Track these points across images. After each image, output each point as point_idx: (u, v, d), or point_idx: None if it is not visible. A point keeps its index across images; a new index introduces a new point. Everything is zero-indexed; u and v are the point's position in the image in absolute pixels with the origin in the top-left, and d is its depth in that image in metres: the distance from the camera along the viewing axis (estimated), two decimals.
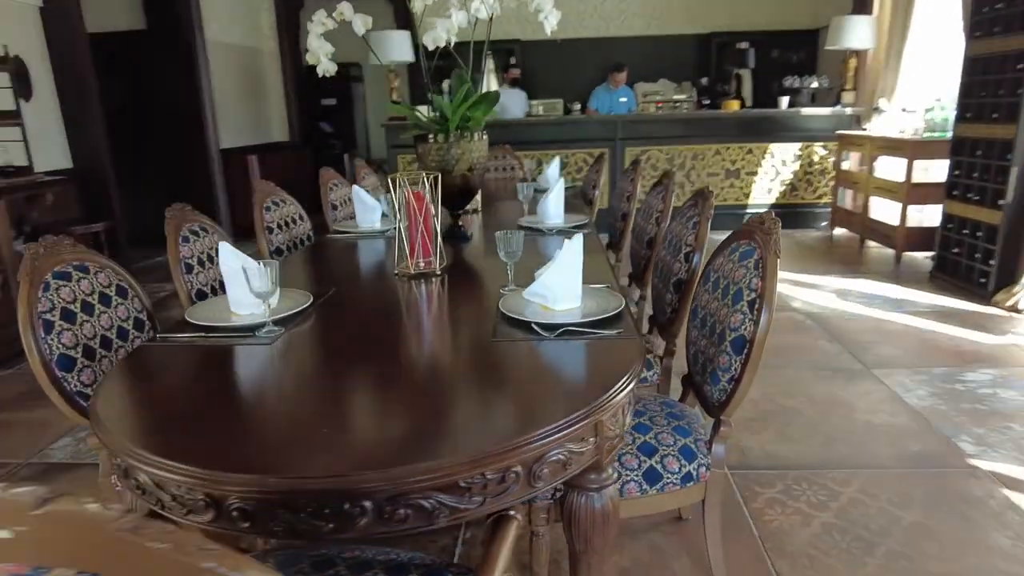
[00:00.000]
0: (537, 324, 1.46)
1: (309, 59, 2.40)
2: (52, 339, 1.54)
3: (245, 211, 3.32)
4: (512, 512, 1.19)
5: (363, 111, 8.98)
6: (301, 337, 1.54)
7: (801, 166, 6.14)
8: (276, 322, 1.57)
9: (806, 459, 2.37)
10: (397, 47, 5.82)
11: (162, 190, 5.95)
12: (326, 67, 2.40)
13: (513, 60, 7.37)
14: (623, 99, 6.68)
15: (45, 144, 4.45)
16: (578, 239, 1.60)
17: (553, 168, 3.90)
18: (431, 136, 2.38)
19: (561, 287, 1.56)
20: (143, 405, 1.27)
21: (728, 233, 1.71)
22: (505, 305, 1.56)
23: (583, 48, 7.42)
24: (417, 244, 1.98)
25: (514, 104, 6.75)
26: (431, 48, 2.31)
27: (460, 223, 2.54)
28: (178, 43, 5.68)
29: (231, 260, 1.65)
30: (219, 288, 2.11)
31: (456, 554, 1.94)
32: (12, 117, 3.74)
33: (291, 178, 6.71)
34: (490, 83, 7.43)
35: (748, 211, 6.16)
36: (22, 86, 4.27)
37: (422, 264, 1.99)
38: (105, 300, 1.73)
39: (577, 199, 3.75)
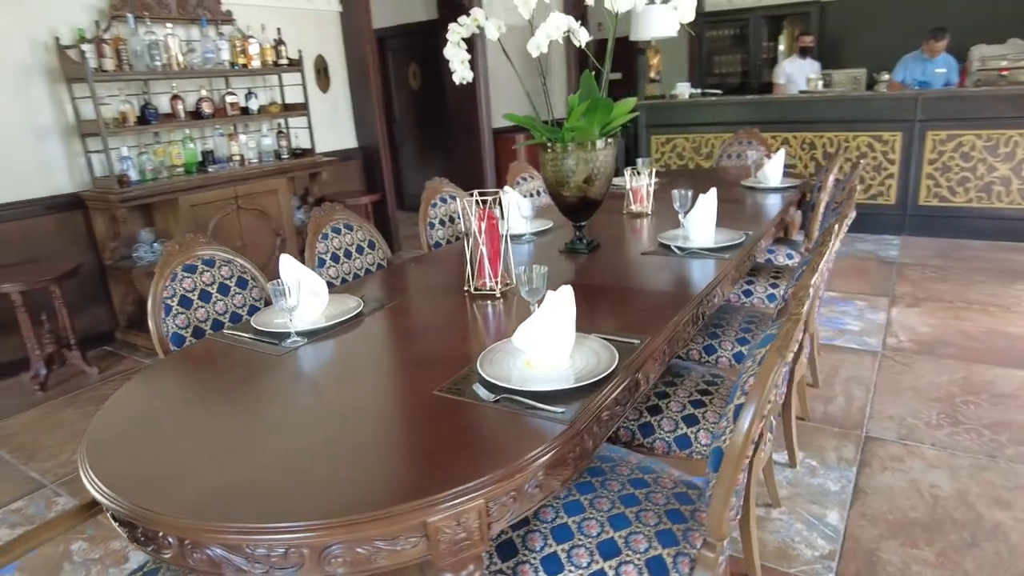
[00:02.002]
0: (483, 382, 1.34)
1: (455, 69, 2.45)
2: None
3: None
4: None
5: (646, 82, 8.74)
6: (309, 354, 1.65)
7: None
8: (318, 331, 1.72)
9: None
10: (659, 22, 5.52)
11: (441, 165, 6.72)
12: (462, 75, 2.43)
13: (804, 28, 6.40)
14: (940, 70, 5.34)
15: (338, 128, 5.35)
16: (564, 291, 1.40)
17: (775, 162, 3.36)
18: (548, 145, 2.26)
19: (541, 343, 1.39)
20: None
21: None
22: (487, 355, 1.45)
23: (899, 6, 6.09)
24: (486, 263, 1.95)
25: (803, 76, 5.91)
26: (535, 56, 2.16)
27: (582, 235, 2.39)
28: None
29: (288, 271, 1.84)
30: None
31: None
32: (302, 109, 4.57)
33: None
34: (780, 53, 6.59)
35: None
36: (323, 80, 5.17)
37: (488, 283, 1.95)
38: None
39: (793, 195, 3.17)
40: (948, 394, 2.72)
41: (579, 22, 2.19)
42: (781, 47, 6.70)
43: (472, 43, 6.27)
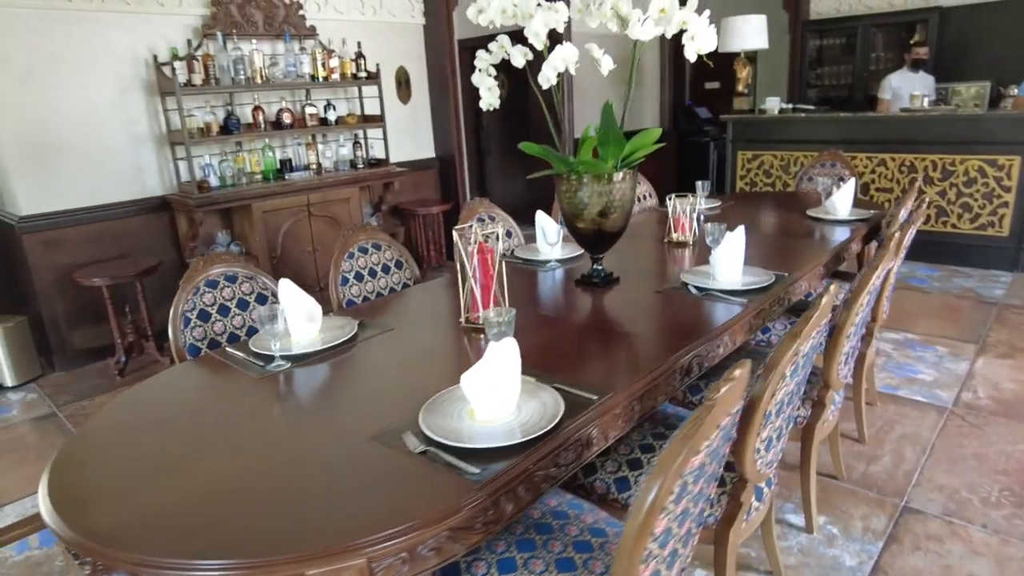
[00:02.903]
0: (414, 432, 1.33)
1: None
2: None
3: None
4: None
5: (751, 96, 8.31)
6: (285, 380, 1.70)
7: None
8: (304, 356, 1.78)
9: None
10: (749, 33, 5.25)
11: (523, 174, 6.72)
12: (489, 102, 2.42)
13: (916, 37, 5.85)
14: None
15: (417, 138, 5.49)
16: (507, 343, 1.36)
17: (844, 191, 3.11)
18: (564, 176, 2.21)
19: (482, 394, 1.36)
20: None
21: None
22: (438, 399, 1.44)
23: None
24: (478, 296, 1.93)
25: (910, 91, 5.40)
26: (545, 87, 2.11)
27: (599, 268, 2.31)
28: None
29: (284, 295, 1.91)
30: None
31: None
32: (378, 120, 4.72)
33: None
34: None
35: None
36: (403, 91, 5.32)
37: (481, 316, 1.93)
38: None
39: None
40: (1019, 467, 2.40)
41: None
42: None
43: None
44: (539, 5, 2.06)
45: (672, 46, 7.38)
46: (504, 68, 2.42)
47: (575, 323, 2.06)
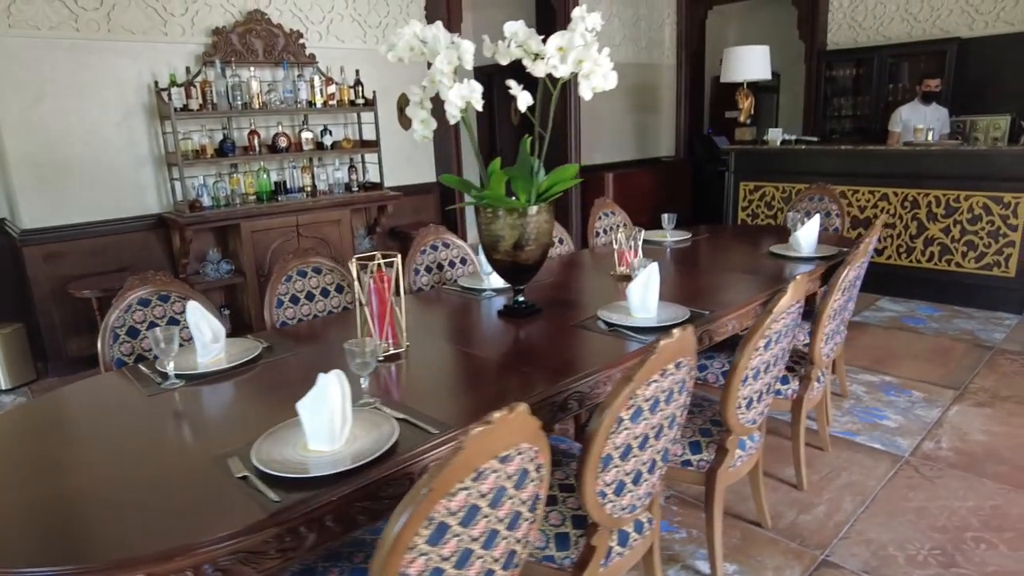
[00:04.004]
0: (242, 456, 1.36)
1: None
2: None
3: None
4: None
5: (772, 124, 8.16)
6: (171, 398, 1.75)
7: None
8: (197, 375, 1.84)
9: None
10: (751, 64, 5.19)
11: None
12: (422, 134, 2.46)
13: (927, 68, 5.66)
14: None
15: (417, 163, 5.59)
16: (332, 375, 1.38)
17: (808, 228, 3.02)
18: (479, 208, 2.23)
19: (311, 424, 1.38)
20: None
21: None
22: (276, 432, 1.46)
23: None
24: (372, 326, 1.95)
25: (925, 125, 5.22)
26: (452, 123, 2.14)
27: (521, 299, 2.31)
28: None
29: (192, 317, 1.98)
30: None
31: None
32: (374, 146, 4.84)
33: (648, 195, 6.74)
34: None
35: None
36: (404, 118, 5.43)
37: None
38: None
39: None
40: (960, 525, 2.26)
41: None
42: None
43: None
44: (452, 43, 2.08)
45: (689, 72, 7.34)
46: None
47: (473, 354, 2.06)
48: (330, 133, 4.78)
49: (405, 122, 5.44)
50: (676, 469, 2.01)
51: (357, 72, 4.83)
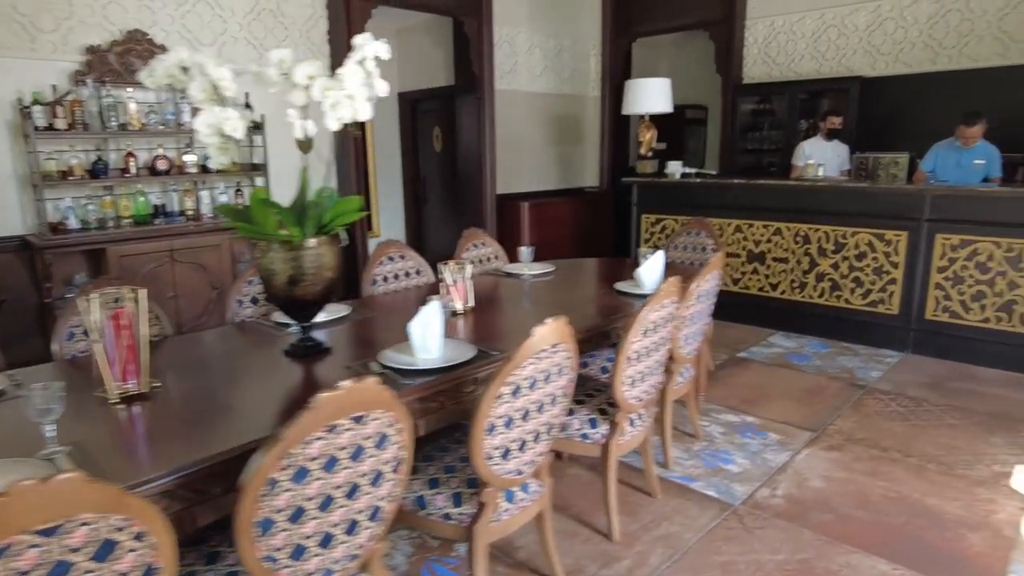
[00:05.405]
0: None
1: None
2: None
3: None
4: None
5: (700, 159, 8.20)
6: None
7: None
8: None
9: None
10: (652, 97, 5.18)
11: (456, 223, 6.69)
12: (217, 160, 2.34)
13: (829, 105, 5.71)
14: (979, 161, 4.48)
15: (311, 185, 5.48)
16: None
17: (650, 264, 2.95)
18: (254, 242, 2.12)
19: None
20: None
21: None
22: None
23: (954, 82, 5.26)
24: (103, 366, 1.81)
25: (826, 160, 5.25)
26: (207, 142, 2.03)
27: (306, 337, 2.19)
28: (473, 96, 6.25)
29: None
30: None
31: None
32: (262, 169, 4.73)
33: (568, 225, 6.69)
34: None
35: None
36: (303, 142, 5.32)
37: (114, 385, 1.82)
38: None
39: None
40: None
41: None
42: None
43: (480, 112, 6.29)
44: (205, 73, 1.97)
45: (614, 103, 7.35)
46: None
47: (221, 397, 1.93)
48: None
49: (304, 146, 5.33)
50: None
51: (247, 95, 4.72)
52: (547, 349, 1.80)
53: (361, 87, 1.92)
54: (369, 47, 2.04)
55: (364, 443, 1.42)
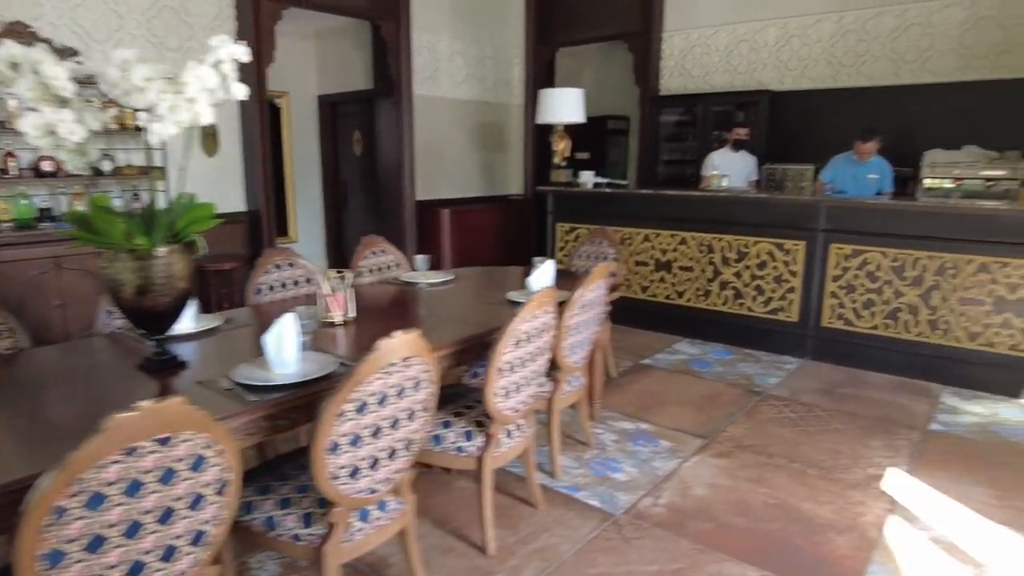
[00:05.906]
0: None
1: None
2: None
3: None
4: None
5: (623, 169, 8.32)
6: None
7: None
8: None
9: None
10: (564, 107, 5.22)
11: (376, 228, 6.55)
12: (74, 164, 2.20)
13: (741, 116, 5.90)
14: (872, 176, 4.70)
15: (224, 191, 5.30)
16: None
17: (540, 273, 2.93)
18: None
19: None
20: None
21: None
22: None
23: (856, 99, 5.49)
24: None
25: (734, 171, 5.39)
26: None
27: (160, 350, 2.07)
28: (391, 101, 6.17)
29: None
30: None
31: None
32: (161, 172, 4.53)
33: (490, 232, 6.67)
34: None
35: None
36: (210, 143, 5.14)
37: None
38: None
39: None
40: None
41: None
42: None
43: (399, 116, 6.21)
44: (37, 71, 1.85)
45: (535, 112, 7.37)
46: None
47: (39, 418, 1.80)
48: (111, 159, 4.43)
49: (210, 147, 5.14)
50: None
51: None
52: (397, 363, 1.74)
53: (205, 91, 1.83)
54: (225, 49, 1.97)
55: (175, 466, 1.34)
